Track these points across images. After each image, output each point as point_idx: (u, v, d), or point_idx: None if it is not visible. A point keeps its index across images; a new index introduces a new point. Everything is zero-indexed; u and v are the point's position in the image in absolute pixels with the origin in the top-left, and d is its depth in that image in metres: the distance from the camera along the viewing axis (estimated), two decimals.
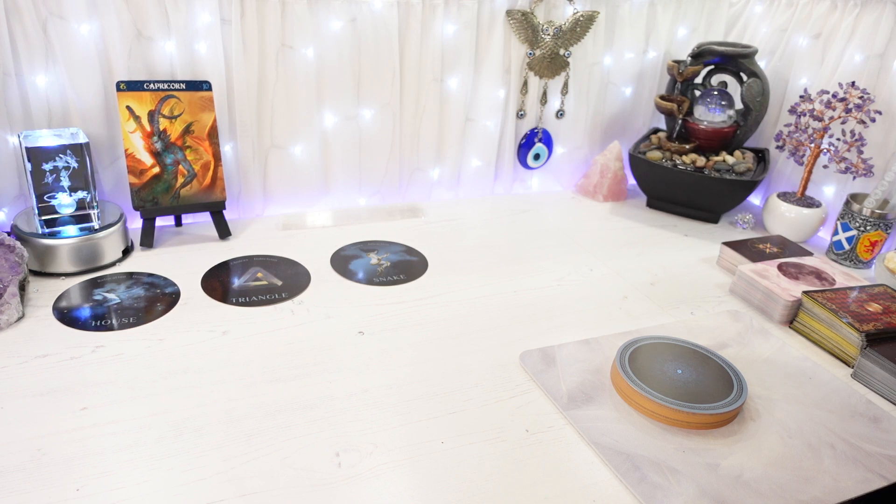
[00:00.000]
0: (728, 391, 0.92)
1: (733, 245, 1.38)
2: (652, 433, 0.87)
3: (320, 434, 0.84)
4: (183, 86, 1.25)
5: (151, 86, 1.23)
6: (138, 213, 1.28)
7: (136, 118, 1.23)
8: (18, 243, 1.09)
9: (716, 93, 1.62)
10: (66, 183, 1.18)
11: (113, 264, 1.22)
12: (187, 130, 1.27)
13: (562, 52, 1.60)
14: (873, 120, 1.41)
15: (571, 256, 1.38)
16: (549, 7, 1.56)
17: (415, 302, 1.17)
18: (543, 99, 1.66)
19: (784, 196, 1.54)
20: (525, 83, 1.62)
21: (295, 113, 1.41)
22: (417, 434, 0.85)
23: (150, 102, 1.23)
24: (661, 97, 1.64)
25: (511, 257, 1.36)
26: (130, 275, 1.19)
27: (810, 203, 1.51)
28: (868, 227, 1.36)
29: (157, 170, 1.26)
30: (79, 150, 1.17)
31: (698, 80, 1.68)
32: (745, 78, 1.59)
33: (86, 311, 1.07)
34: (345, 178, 1.53)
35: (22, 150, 1.14)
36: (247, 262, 1.27)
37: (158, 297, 1.13)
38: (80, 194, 1.20)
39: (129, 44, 1.24)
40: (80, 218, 1.21)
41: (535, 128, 1.69)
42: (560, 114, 1.70)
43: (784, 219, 1.50)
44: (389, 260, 1.31)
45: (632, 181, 1.75)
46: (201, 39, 1.28)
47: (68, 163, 1.17)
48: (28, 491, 0.73)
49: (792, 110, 1.54)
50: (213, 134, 1.29)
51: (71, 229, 1.18)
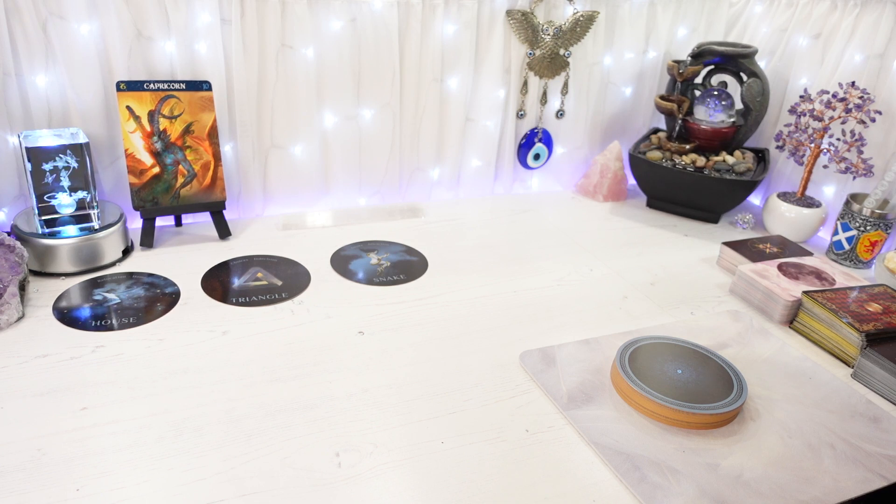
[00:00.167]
0: (728, 391, 0.92)
1: (733, 245, 1.38)
2: (652, 433, 0.87)
3: (320, 434, 0.84)
4: (183, 86, 1.25)
5: (151, 86, 1.23)
6: (138, 213, 1.28)
7: (136, 118, 1.23)
8: (18, 243, 1.09)
9: (716, 93, 1.62)
10: (66, 183, 1.18)
11: (113, 264, 1.22)
12: (187, 130, 1.27)
13: (562, 52, 1.60)
14: (873, 120, 1.41)
15: (571, 256, 1.38)
16: (549, 7, 1.56)
17: (415, 302, 1.17)
18: (543, 99, 1.66)
19: (784, 196, 1.54)
20: (525, 83, 1.62)
21: (295, 113, 1.41)
22: (417, 434, 0.85)
23: (150, 102, 1.23)
24: (661, 97, 1.64)
25: (511, 257, 1.36)
26: (130, 275, 1.19)
27: (810, 203, 1.51)
28: (868, 227, 1.36)
29: (157, 170, 1.26)
30: (79, 150, 1.17)
31: (698, 80, 1.68)
32: (745, 78, 1.59)
33: (86, 311, 1.07)
34: (345, 178, 1.53)
35: (22, 150, 1.14)
36: (247, 262, 1.27)
37: (158, 297, 1.13)
38: (80, 194, 1.20)
39: (129, 44, 1.24)
40: (80, 218, 1.21)
41: (535, 128, 1.69)
42: (560, 114, 1.70)
43: (784, 219, 1.50)
44: (389, 260, 1.31)
45: (632, 181, 1.75)
46: (201, 39, 1.28)
47: (68, 163, 1.17)
48: (28, 491, 0.73)
49: (792, 110, 1.54)
50: (213, 134, 1.29)
51: (71, 229, 1.18)
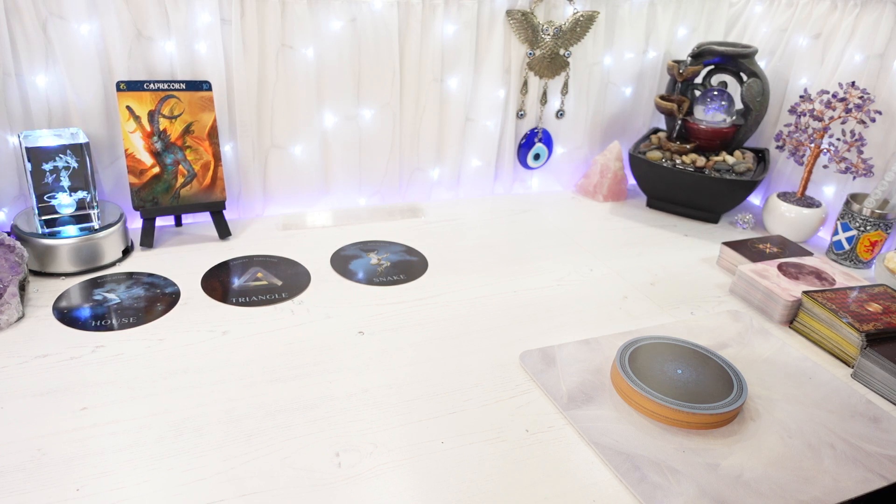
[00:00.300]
0: (728, 391, 0.92)
1: (733, 245, 1.38)
2: (652, 433, 0.87)
3: (320, 434, 0.84)
4: (183, 86, 1.25)
5: (151, 86, 1.23)
6: (138, 213, 1.28)
7: (136, 118, 1.23)
8: (18, 243, 1.09)
9: (716, 93, 1.62)
10: (66, 183, 1.18)
11: (113, 264, 1.22)
12: (187, 130, 1.27)
13: (562, 52, 1.60)
14: (873, 120, 1.41)
15: (571, 256, 1.38)
16: (549, 7, 1.56)
17: (415, 302, 1.17)
18: (543, 99, 1.66)
19: (784, 196, 1.54)
20: (525, 83, 1.62)
21: (295, 113, 1.41)
22: (417, 434, 0.85)
23: (150, 102, 1.23)
24: (661, 97, 1.64)
25: (511, 257, 1.36)
26: (130, 275, 1.19)
27: (810, 203, 1.51)
28: (868, 227, 1.36)
29: (157, 170, 1.26)
30: (79, 150, 1.17)
31: (698, 80, 1.68)
32: (745, 78, 1.59)
33: (86, 311, 1.07)
34: (345, 178, 1.53)
35: (22, 150, 1.14)
36: (247, 262, 1.27)
37: (158, 297, 1.13)
38: (80, 194, 1.20)
39: (129, 44, 1.24)
40: (80, 218, 1.21)
41: (535, 128, 1.69)
42: (560, 114, 1.70)
43: (784, 219, 1.50)
44: (389, 260, 1.31)
45: (632, 181, 1.75)
46: (201, 39, 1.28)
47: (68, 163, 1.17)
48: (28, 491, 0.73)
49: (792, 110, 1.54)
50: (213, 134, 1.29)
51: (71, 229, 1.18)
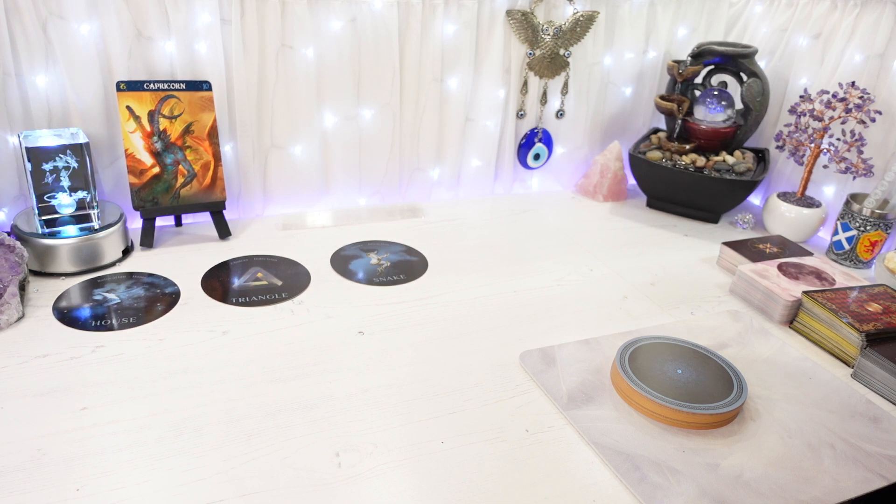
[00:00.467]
0: (728, 391, 0.92)
1: (733, 245, 1.38)
2: (652, 433, 0.87)
3: (320, 434, 0.84)
4: (183, 86, 1.25)
5: (151, 86, 1.23)
6: (138, 213, 1.28)
7: (136, 118, 1.23)
8: (18, 243, 1.09)
9: (716, 93, 1.62)
10: (66, 183, 1.18)
11: (113, 264, 1.22)
12: (187, 130, 1.27)
13: (562, 52, 1.60)
14: (873, 120, 1.41)
15: (571, 256, 1.38)
16: (549, 7, 1.56)
17: (415, 302, 1.17)
18: (543, 99, 1.66)
19: (784, 196, 1.54)
20: (525, 83, 1.62)
21: (295, 113, 1.41)
22: (417, 434, 0.85)
23: (150, 102, 1.23)
24: (661, 97, 1.64)
25: (511, 257, 1.36)
26: (130, 275, 1.19)
27: (810, 203, 1.51)
28: (868, 227, 1.36)
29: (157, 170, 1.26)
30: (79, 150, 1.17)
31: (698, 80, 1.68)
32: (745, 78, 1.59)
33: (86, 311, 1.07)
34: (345, 178, 1.53)
35: (22, 150, 1.14)
36: (247, 262, 1.27)
37: (158, 297, 1.13)
38: (80, 194, 1.20)
39: (129, 44, 1.24)
40: (80, 218, 1.21)
41: (535, 128, 1.69)
42: (560, 114, 1.70)
43: (784, 219, 1.50)
44: (389, 260, 1.31)
45: (632, 181, 1.75)
46: (201, 39, 1.28)
47: (68, 163, 1.17)
48: (28, 491, 0.73)
49: (792, 110, 1.54)
50: (213, 134, 1.29)
51: (71, 229, 1.18)
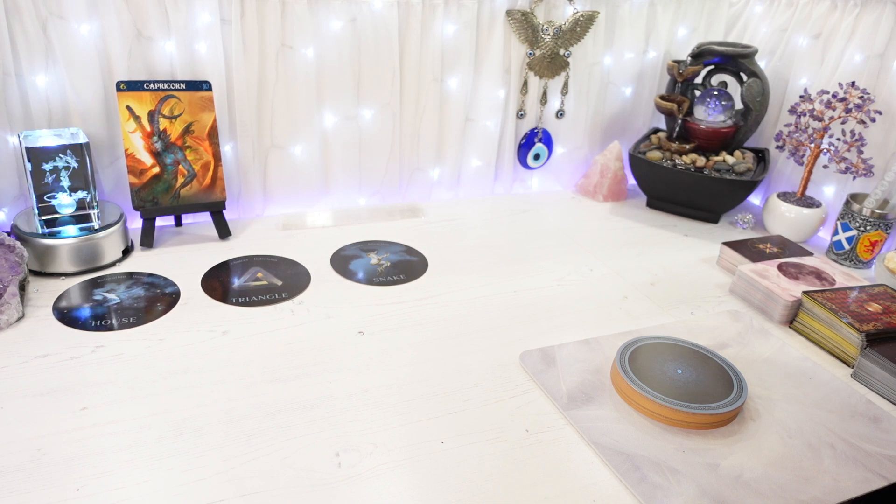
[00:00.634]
0: (728, 391, 0.92)
1: (733, 245, 1.38)
2: (652, 433, 0.87)
3: (320, 434, 0.84)
4: (183, 86, 1.25)
5: (151, 86, 1.23)
6: (138, 213, 1.28)
7: (136, 118, 1.23)
8: (18, 243, 1.09)
9: (716, 93, 1.62)
10: (66, 183, 1.18)
11: (113, 264, 1.22)
12: (187, 130, 1.27)
13: (562, 52, 1.60)
14: (873, 120, 1.41)
15: (571, 256, 1.38)
16: (549, 7, 1.56)
17: (415, 302, 1.17)
18: (543, 99, 1.66)
19: (784, 196, 1.54)
20: (525, 83, 1.62)
21: (295, 113, 1.41)
22: (417, 434, 0.85)
23: (150, 102, 1.23)
24: (661, 97, 1.64)
25: (511, 257, 1.36)
26: (130, 275, 1.19)
27: (810, 203, 1.51)
28: (868, 227, 1.36)
29: (157, 170, 1.26)
30: (79, 150, 1.17)
31: (698, 80, 1.68)
32: (745, 78, 1.59)
33: (86, 311, 1.07)
34: (345, 178, 1.53)
35: (22, 150, 1.14)
36: (247, 262, 1.27)
37: (158, 297, 1.13)
38: (80, 194, 1.20)
39: (129, 44, 1.24)
40: (80, 218, 1.21)
41: (535, 128, 1.69)
42: (560, 114, 1.70)
43: (784, 219, 1.50)
44: (389, 260, 1.31)
45: (632, 181, 1.75)
46: (201, 39, 1.28)
47: (68, 163, 1.17)
48: (28, 491, 0.73)
49: (792, 110, 1.54)
50: (213, 134, 1.29)
51: (71, 229, 1.18)
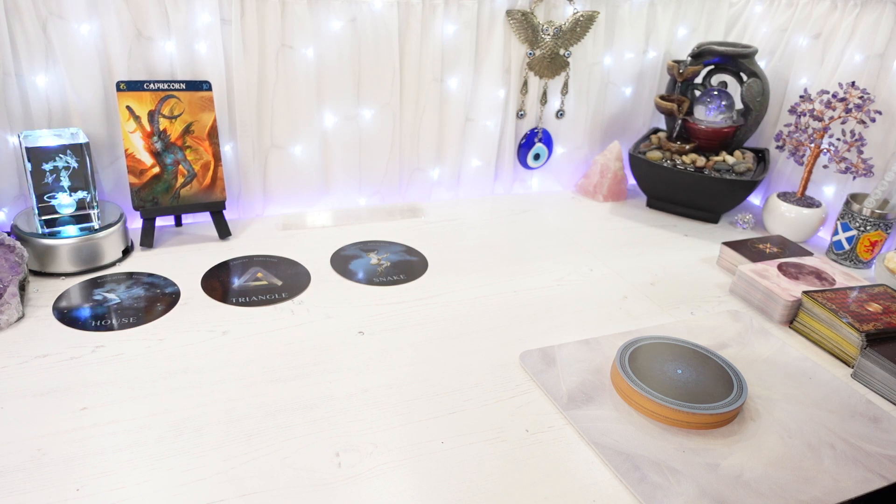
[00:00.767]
0: (728, 391, 0.92)
1: (733, 245, 1.38)
2: (652, 433, 0.87)
3: (320, 434, 0.84)
4: (183, 86, 1.25)
5: (151, 86, 1.23)
6: (138, 213, 1.28)
7: (136, 118, 1.23)
8: (18, 243, 1.09)
9: (716, 93, 1.62)
10: (66, 183, 1.18)
11: (113, 264, 1.22)
12: (187, 130, 1.27)
13: (562, 52, 1.60)
14: (873, 120, 1.41)
15: (571, 256, 1.38)
16: (549, 7, 1.56)
17: (415, 302, 1.17)
18: (543, 99, 1.66)
19: (784, 196, 1.54)
20: (525, 83, 1.62)
21: (295, 113, 1.41)
22: (417, 434, 0.85)
23: (150, 102, 1.23)
24: (661, 97, 1.64)
25: (511, 257, 1.36)
26: (130, 275, 1.19)
27: (810, 203, 1.51)
28: (868, 227, 1.36)
29: (157, 170, 1.26)
30: (79, 150, 1.17)
31: (698, 80, 1.68)
32: (745, 78, 1.59)
33: (86, 311, 1.07)
34: (345, 178, 1.53)
35: (22, 150, 1.14)
36: (247, 262, 1.27)
37: (158, 297, 1.13)
38: (80, 194, 1.20)
39: (129, 44, 1.24)
40: (80, 218, 1.21)
41: (535, 128, 1.69)
42: (560, 114, 1.70)
43: (784, 219, 1.50)
44: (389, 260, 1.31)
45: (632, 181, 1.75)
46: (201, 39, 1.28)
47: (68, 163, 1.17)
48: (28, 491, 0.73)
49: (792, 110, 1.54)
50: (213, 134, 1.29)
51: (71, 229, 1.18)
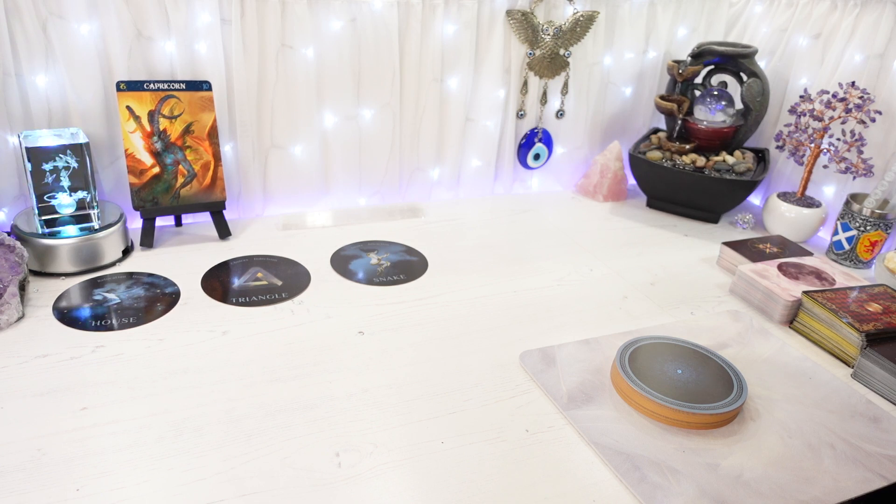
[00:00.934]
0: (728, 391, 0.92)
1: (733, 245, 1.38)
2: (652, 433, 0.87)
3: (320, 434, 0.84)
4: (183, 86, 1.25)
5: (151, 86, 1.23)
6: (138, 213, 1.28)
7: (136, 118, 1.23)
8: (18, 243, 1.09)
9: (716, 93, 1.62)
10: (66, 183, 1.18)
11: (113, 264, 1.22)
12: (187, 130, 1.27)
13: (562, 52, 1.60)
14: (873, 120, 1.41)
15: (571, 256, 1.38)
16: (549, 7, 1.56)
17: (415, 302, 1.17)
18: (543, 99, 1.66)
19: (784, 196, 1.54)
20: (525, 83, 1.62)
21: (295, 113, 1.41)
22: (417, 434, 0.85)
23: (150, 102, 1.23)
24: (661, 97, 1.64)
25: (511, 257, 1.36)
26: (130, 275, 1.19)
27: (810, 203, 1.51)
28: (868, 227, 1.36)
29: (157, 170, 1.26)
30: (79, 150, 1.17)
31: (698, 80, 1.68)
32: (745, 78, 1.59)
33: (86, 311, 1.07)
34: (345, 178, 1.53)
35: (22, 150, 1.14)
36: (247, 262, 1.27)
37: (158, 297, 1.13)
38: (80, 194, 1.20)
39: (129, 44, 1.24)
40: (80, 218, 1.21)
41: (535, 128, 1.69)
42: (560, 114, 1.70)
43: (784, 219, 1.50)
44: (389, 260, 1.31)
45: (632, 181, 1.75)
46: (201, 39, 1.28)
47: (68, 163, 1.17)
48: (28, 491, 0.73)
49: (792, 110, 1.54)
50: (213, 134, 1.29)
51: (71, 229, 1.18)
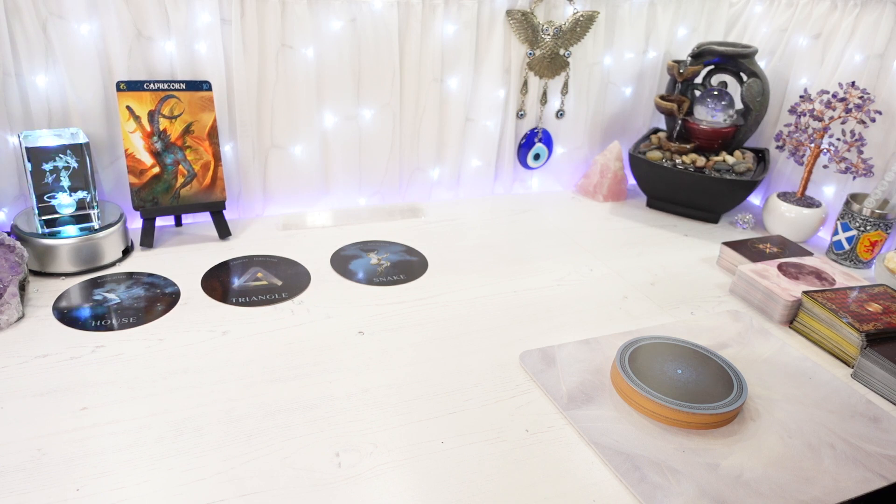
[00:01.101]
0: (728, 391, 0.92)
1: (733, 245, 1.38)
2: (652, 433, 0.87)
3: (320, 434, 0.84)
4: (183, 86, 1.25)
5: (151, 86, 1.23)
6: (138, 213, 1.28)
7: (136, 118, 1.23)
8: (18, 243, 1.09)
9: (716, 93, 1.62)
10: (66, 183, 1.18)
11: (113, 264, 1.22)
12: (187, 130, 1.27)
13: (562, 52, 1.60)
14: (873, 120, 1.41)
15: (571, 256, 1.38)
16: (549, 7, 1.56)
17: (415, 302, 1.17)
18: (543, 99, 1.66)
19: (784, 196, 1.54)
20: (525, 83, 1.62)
21: (295, 113, 1.41)
22: (417, 434, 0.85)
23: (150, 102, 1.23)
24: (661, 97, 1.64)
25: (511, 257, 1.36)
26: (130, 275, 1.19)
27: (810, 203, 1.51)
28: (868, 227, 1.36)
29: (157, 170, 1.26)
30: (79, 150, 1.17)
31: (698, 80, 1.68)
32: (745, 78, 1.59)
33: (86, 311, 1.07)
34: (345, 178, 1.53)
35: (22, 150, 1.14)
36: (247, 262, 1.27)
37: (158, 297, 1.13)
38: (80, 194, 1.20)
39: (129, 44, 1.24)
40: (80, 218, 1.21)
41: (535, 128, 1.69)
42: (560, 114, 1.70)
43: (784, 219, 1.50)
44: (389, 260, 1.31)
45: (632, 181, 1.75)
46: (201, 39, 1.28)
47: (68, 163, 1.17)
48: (28, 491, 0.73)
49: (792, 110, 1.54)
50: (213, 134, 1.29)
51: (71, 229, 1.18)
